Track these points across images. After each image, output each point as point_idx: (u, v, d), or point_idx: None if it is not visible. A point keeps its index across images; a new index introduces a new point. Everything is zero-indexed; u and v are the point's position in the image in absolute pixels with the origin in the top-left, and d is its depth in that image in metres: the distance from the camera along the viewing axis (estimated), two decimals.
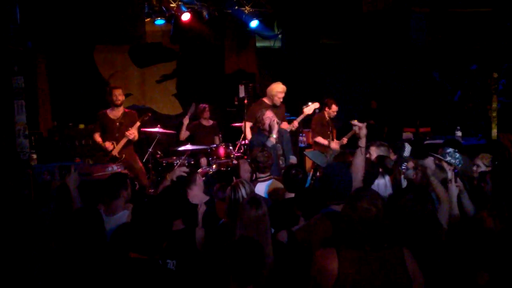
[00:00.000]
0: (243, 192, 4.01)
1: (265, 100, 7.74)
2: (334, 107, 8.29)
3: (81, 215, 3.54)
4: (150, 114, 7.69)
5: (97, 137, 7.27)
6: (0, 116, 6.13)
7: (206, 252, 3.72)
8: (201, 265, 3.57)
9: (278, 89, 7.58)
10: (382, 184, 4.87)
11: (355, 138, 7.40)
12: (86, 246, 3.38)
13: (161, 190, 4.35)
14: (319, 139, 8.26)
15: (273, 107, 7.45)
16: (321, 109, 8.51)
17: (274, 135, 6.16)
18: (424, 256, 3.03)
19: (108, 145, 7.15)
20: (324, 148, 7.95)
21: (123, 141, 7.22)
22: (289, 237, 3.67)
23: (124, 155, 7.23)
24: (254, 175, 5.43)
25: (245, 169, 5.44)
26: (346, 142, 8.22)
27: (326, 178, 3.71)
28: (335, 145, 8.01)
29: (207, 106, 8.97)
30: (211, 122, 8.98)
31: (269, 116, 6.29)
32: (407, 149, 6.23)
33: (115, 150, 7.18)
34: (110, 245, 3.62)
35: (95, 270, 3.19)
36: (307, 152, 8.04)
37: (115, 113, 7.28)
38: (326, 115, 8.37)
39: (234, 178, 5.44)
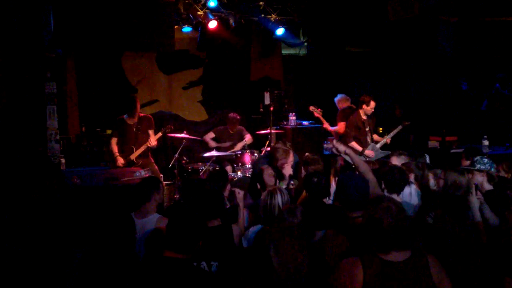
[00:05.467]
0: (279, 199, 4.02)
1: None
2: (372, 104, 7.81)
3: (114, 219, 3.61)
4: (172, 127, 8.00)
5: (114, 144, 7.54)
6: (33, 121, 6.27)
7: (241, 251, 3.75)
8: (239, 262, 3.59)
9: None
10: (407, 192, 4.87)
11: (398, 138, 7.49)
12: (117, 248, 3.45)
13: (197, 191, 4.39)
14: (354, 145, 7.73)
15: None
16: (356, 108, 8.18)
17: (284, 186, 5.46)
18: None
19: (120, 160, 7.40)
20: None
21: (142, 148, 7.47)
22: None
23: (141, 161, 7.47)
24: (278, 181, 5.41)
25: (269, 173, 5.39)
26: (389, 141, 7.95)
27: (341, 187, 3.66)
28: (369, 152, 7.74)
29: (239, 118, 9.09)
30: (235, 129, 9.08)
31: (287, 163, 5.68)
32: (427, 158, 6.34)
33: (133, 155, 7.44)
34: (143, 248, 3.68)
35: (125, 271, 3.25)
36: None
37: (132, 119, 7.53)
38: (362, 114, 7.89)
39: (258, 184, 5.42)
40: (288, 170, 5.57)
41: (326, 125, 9.06)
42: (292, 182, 5.06)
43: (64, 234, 3.62)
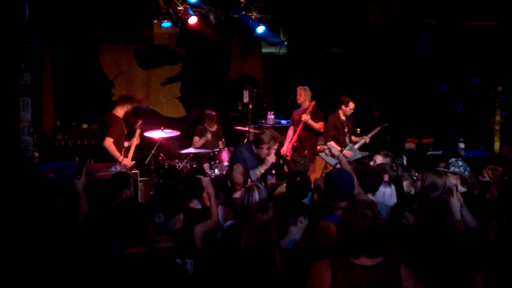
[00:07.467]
0: (256, 196, 3.96)
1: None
2: (351, 105, 7.86)
3: (93, 216, 3.55)
4: (141, 121, 7.30)
5: (114, 146, 6.56)
6: (5, 113, 6.11)
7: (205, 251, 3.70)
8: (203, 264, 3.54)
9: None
10: (388, 192, 4.89)
11: (375, 139, 7.53)
12: (96, 245, 3.39)
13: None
14: (332, 145, 7.61)
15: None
16: (335, 108, 8.16)
17: (262, 170, 5.66)
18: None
19: (126, 161, 6.62)
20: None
21: (133, 148, 6.96)
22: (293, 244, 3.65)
23: (134, 162, 7.00)
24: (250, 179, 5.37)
25: (239, 171, 5.36)
26: (368, 141, 7.92)
27: (328, 180, 3.77)
28: (347, 152, 7.71)
29: (215, 114, 8.89)
30: (215, 127, 8.99)
31: (272, 149, 5.74)
32: (404, 160, 6.38)
33: (127, 159, 6.82)
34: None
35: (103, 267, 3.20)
36: (321, 153, 8.07)
37: (124, 115, 6.89)
38: (341, 115, 7.94)
39: (228, 182, 5.37)
40: (272, 157, 5.56)
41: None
42: (273, 172, 5.03)
43: (34, 227, 3.54)
